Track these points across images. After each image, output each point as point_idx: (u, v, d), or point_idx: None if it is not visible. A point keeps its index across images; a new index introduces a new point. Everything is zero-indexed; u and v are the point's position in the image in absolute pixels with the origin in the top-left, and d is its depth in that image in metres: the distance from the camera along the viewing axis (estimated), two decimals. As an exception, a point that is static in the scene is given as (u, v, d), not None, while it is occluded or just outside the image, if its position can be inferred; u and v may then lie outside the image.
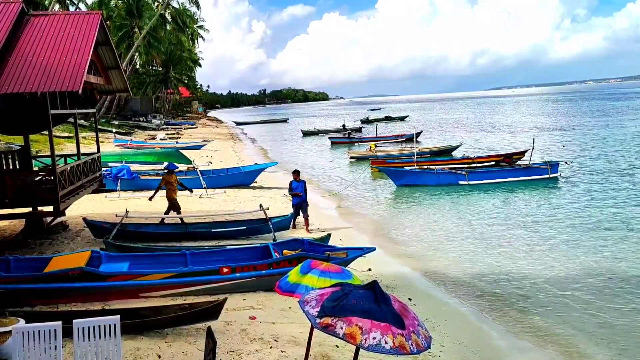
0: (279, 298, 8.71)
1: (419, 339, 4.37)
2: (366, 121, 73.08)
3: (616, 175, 23.61)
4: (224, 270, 9.74)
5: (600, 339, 8.87)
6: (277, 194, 21.39)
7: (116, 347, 5.73)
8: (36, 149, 25.81)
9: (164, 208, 15.12)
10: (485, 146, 37.88)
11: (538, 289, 11.07)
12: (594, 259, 12.74)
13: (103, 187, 15.86)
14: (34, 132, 16.84)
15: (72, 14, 14.94)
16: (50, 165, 12.15)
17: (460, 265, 12.74)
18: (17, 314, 7.00)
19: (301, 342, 7.22)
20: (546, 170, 23.10)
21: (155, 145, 38.11)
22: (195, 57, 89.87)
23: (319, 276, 5.83)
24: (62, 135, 35.28)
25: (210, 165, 27.22)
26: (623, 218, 16.33)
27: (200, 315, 7.55)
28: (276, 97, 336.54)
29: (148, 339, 7.25)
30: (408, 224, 17.21)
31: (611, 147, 33.52)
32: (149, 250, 11.45)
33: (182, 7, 72.47)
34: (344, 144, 45.33)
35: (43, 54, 11.73)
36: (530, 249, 13.80)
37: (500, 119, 72.73)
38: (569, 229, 15.44)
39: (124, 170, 21.20)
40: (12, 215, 12.41)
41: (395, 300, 4.69)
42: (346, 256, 10.55)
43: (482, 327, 9.45)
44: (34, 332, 5.52)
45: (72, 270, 9.25)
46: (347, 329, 4.28)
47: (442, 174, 23.42)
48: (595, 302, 10.31)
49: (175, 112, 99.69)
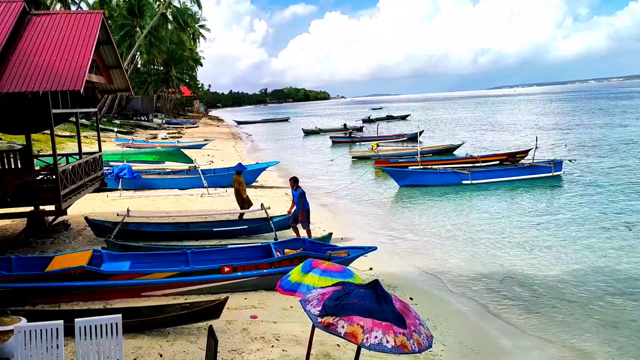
0: (280, 297, 8.71)
1: (421, 338, 4.37)
2: (367, 120, 73.05)
3: (619, 174, 23.55)
4: (226, 269, 9.74)
5: (602, 339, 8.84)
6: (278, 193, 21.38)
7: (118, 346, 5.73)
8: (38, 148, 25.84)
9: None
10: (487, 145, 37.84)
11: (540, 288, 11.05)
12: (597, 259, 12.70)
13: (104, 186, 15.88)
14: (36, 132, 16.88)
15: (74, 14, 14.96)
16: (52, 164, 12.17)
17: (462, 264, 12.72)
18: (19, 312, 7.00)
19: (302, 342, 7.22)
20: (549, 169, 23.06)
21: (157, 145, 38.16)
22: (196, 57, 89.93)
23: (320, 275, 5.83)
24: (63, 134, 35.32)
25: (211, 164, 27.23)
26: (626, 217, 16.29)
27: (201, 315, 7.55)
28: (277, 96, 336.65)
29: (149, 338, 7.26)
30: (410, 223, 17.19)
31: (614, 146, 33.47)
32: (151, 249, 11.46)
33: (183, 6, 72.52)
34: (345, 143, 45.33)
35: (45, 53, 11.74)
36: (533, 248, 13.78)
37: (501, 118, 72.67)
38: (572, 228, 15.41)
39: (125, 169, 21.22)
40: (14, 214, 12.45)
41: (397, 300, 4.69)
42: (347, 255, 10.55)
43: (483, 327, 9.44)
44: (36, 331, 5.53)
45: (73, 269, 9.27)
46: (349, 328, 4.28)
47: (445, 174, 23.38)
48: (597, 301, 10.28)
49: (177, 111, 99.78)
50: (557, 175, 23.00)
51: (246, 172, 23.50)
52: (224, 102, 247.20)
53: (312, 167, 32.50)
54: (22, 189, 11.72)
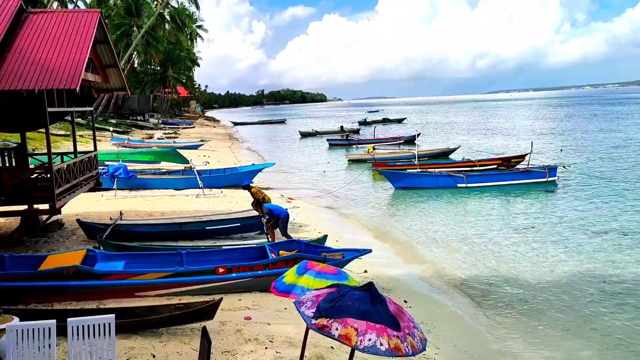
0: (274, 299, 8.67)
1: (414, 341, 4.37)
2: (364, 123, 73.11)
3: (613, 180, 23.67)
4: (220, 270, 9.72)
5: (596, 344, 8.87)
6: (274, 194, 21.35)
7: (110, 346, 5.71)
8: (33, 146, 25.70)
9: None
10: (483, 149, 37.94)
11: (534, 292, 11.08)
12: (591, 263, 12.74)
13: (99, 186, 15.84)
14: (31, 130, 16.79)
15: (71, 12, 14.91)
16: (47, 163, 12.11)
17: (456, 267, 12.74)
18: (12, 312, 6.97)
19: (296, 343, 7.21)
20: (544, 174, 23.19)
21: (153, 145, 38.06)
22: (193, 57, 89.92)
23: (315, 277, 5.82)
24: (59, 133, 35.19)
25: (207, 165, 27.18)
26: (619, 222, 16.37)
27: (195, 315, 7.53)
28: (274, 97, 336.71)
29: (142, 338, 7.23)
30: (405, 226, 17.21)
31: (609, 152, 33.61)
32: (145, 249, 11.42)
33: (181, 6, 72.58)
34: (341, 145, 45.33)
35: (41, 51, 11.70)
36: (527, 252, 13.81)
37: (497, 122, 72.87)
38: (566, 233, 15.47)
39: (120, 169, 21.14)
40: (8, 212, 12.37)
41: (391, 302, 4.68)
42: (342, 257, 10.53)
43: (477, 330, 9.45)
44: (28, 330, 5.50)
45: (67, 269, 9.22)
46: (343, 330, 4.27)
47: (440, 177, 23.48)
48: (592, 306, 10.32)
49: (173, 111, 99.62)
50: (551, 180, 23.13)
51: (242, 174, 23.55)
52: (221, 103, 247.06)
53: (308, 169, 32.50)
54: (17, 187, 11.66)
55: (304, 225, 15.43)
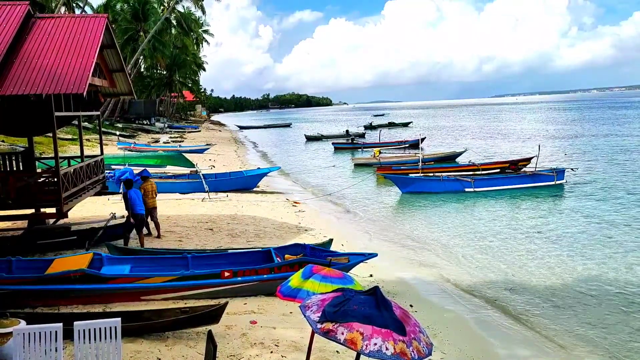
0: (280, 303, 8.70)
1: (420, 345, 4.35)
2: (369, 127, 73.09)
3: (622, 183, 23.52)
4: (226, 274, 9.73)
5: (606, 351, 8.79)
6: (279, 198, 21.39)
7: (116, 349, 5.72)
8: (40, 150, 25.85)
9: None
10: (490, 153, 37.83)
11: (541, 297, 11.01)
12: (598, 268, 12.65)
13: (106, 190, 15.89)
14: (38, 134, 16.91)
15: (78, 17, 15.01)
16: (54, 167, 12.18)
17: (463, 272, 12.68)
18: (18, 315, 7.00)
19: (302, 347, 7.20)
20: (552, 177, 23.08)
21: (159, 149, 38.18)
22: (199, 61, 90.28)
23: (320, 281, 5.81)
24: (65, 137, 35.36)
25: (213, 169, 27.26)
26: (628, 226, 16.25)
27: (201, 319, 7.53)
28: (280, 101, 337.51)
29: (148, 342, 7.24)
30: (411, 230, 17.16)
31: (617, 155, 33.44)
32: (151, 253, 11.45)
33: (187, 11, 72.92)
34: (347, 149, 45.34)
35: (49, 56, 11.78)
36: (535, 256, 13.74)
37: (503, 126, 72.66)
38: (574, 237, 15.37)
39: (127, 172, 21.20)
40: (15, 216, 12.43)
41: (397, 307, 4.67)
42: (348, 262, 10.52)
43: (483, 335, 9.39)
44: (35, 333, 5.52)
45: (73, 272, 9.25)
46: (348, 334, 4.26)
47: (448, 181, 23.40)
48: (599, 311, 10.25)
49: (179, 115, 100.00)
50: (559, 184, 23.00)
51: (248, 178, 23.60)
52: (227, 107, 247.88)
53: (314, 172, 32.51)
54: (24, 191, 11.73)
55: (309, 229, 15.43)
